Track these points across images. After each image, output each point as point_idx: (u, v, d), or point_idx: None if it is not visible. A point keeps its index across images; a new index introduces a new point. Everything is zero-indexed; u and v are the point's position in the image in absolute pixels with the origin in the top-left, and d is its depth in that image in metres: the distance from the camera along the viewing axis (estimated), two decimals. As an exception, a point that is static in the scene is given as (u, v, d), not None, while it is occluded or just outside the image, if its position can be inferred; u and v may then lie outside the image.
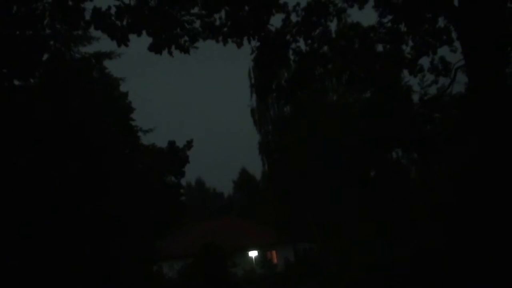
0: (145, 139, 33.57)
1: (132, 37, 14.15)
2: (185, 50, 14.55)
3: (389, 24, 16.55)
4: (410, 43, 16.55)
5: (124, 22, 13.90)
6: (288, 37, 16.17)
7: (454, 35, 16.24)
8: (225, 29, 15.10)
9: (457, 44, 16.32)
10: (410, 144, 26.67)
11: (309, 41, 16.32)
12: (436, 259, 21.53)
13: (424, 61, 17.01)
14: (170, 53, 14.50)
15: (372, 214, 36.02)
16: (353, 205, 37.98)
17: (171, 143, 34.00)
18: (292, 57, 16.63)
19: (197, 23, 14.84)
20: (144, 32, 14.05)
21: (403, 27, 16.41)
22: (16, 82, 19.74)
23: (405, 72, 17.80)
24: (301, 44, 16.46)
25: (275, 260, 52.18)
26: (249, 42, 15.34)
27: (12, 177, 19.45)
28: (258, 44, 15.67)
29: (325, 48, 16.65)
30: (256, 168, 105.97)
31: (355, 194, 37.58)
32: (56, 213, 20.99)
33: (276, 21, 15.70)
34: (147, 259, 31.37)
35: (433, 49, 16.58)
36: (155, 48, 14.40)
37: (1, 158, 19.20)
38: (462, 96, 20.96)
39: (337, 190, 38.29)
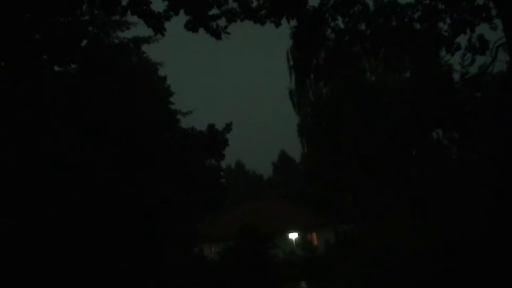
0: (185, 122, 33.98)
1: (169, 21, 14.24)
2: (217, 35, 14.58)
3: (427, 1, 16.31)
4: (448, 20, 16.29)
5: (161, 9, 14.02)
6: (326, 15, 16.09)
7: (493, 12, 15.92)
8: (263, 11, 15.07)
9: (497, 21, 16.01)
10: (451, 123, 26.25)
11: (347, 19, 16.22)
12: (481, 243, 21.25)
13: (462, 40, 16.75)
14: (207, 30, 14.52)
15: (413, 196, 35.72)
16: (393, 186, 37.73)
17: (211, 126, 34.29)
18: (330, 36, 16.56)
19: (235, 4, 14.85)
20: (182, 11, 14.10)
21: (441, 5, 16.16)
22: (57, 68, 20.08)
23: (444, 51, 17.54)
24: (339, 22, 16.41)
25: (315, 242, 52.29)
26: (288, 22, 15.31)
27: (54, 162, 19.84)
28: (296, 24, 15.63)
29: (363, 25, 16.53)
30: (295, 150, 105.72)
31: (395, 175, 37.28)
32: (99, 198, 21.36)
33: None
34: (188, 241, 31.80)
35: (471, 27, 16.27)
36: (192, 26, 14.45)
37: (43, 144, 19.59)
38: (504, 75, 20.58)
39: (377, 173, 38.04)
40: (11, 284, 18.21)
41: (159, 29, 14.15)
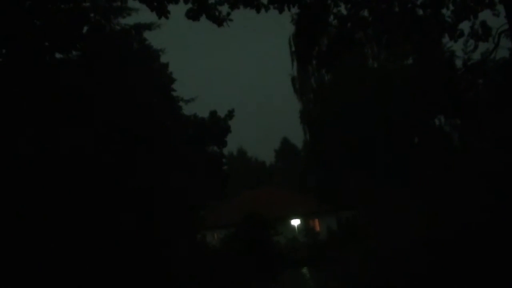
0: (187, 109, 33.93)
1: (171, 7, 14.13)
2: (218, 22, 14.45)
3: (430, -13, 16.23)
4: (451, 7, 16.22)
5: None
6: (328, 1, 16.02)
7: (496, -2, 15.89)
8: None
9: (500, 7, 15.95)
10: (453, 110, 26.24)
11: (349, 5, 16.15)
12: (482, 229, 21.22)
13: (465, 26, 16.70)
14: (209, 17, 14.40)
15: (415, 182, 35.73)
16: (396, 173, 37.75)
17: (213, 113, 34.25)
18: (333, 22, 16.49)
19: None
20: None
21: (444, -10, 16.10)
22: (58, 55, 19.99)
23: (447, 37, 17.50)
24: (342, 9, 16.34)
25: (317, 229, 52.42)
26: (289, 9, 15.23)
27: (54, 153, 19.75)
28: (298, 10, 15.56)
29: (365, 12, 16.47)
30: (297, 137, 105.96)
31: (398, 161, 37.29)
32: (99, 188, 21.29)
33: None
34: (190, 228, 31.82)
35: (474, 13, 16.22)
36: (193, 15, 14.33)
37: (45, 133, 19.51)
38: (506, 61, 20.52)
39: (379, 158, 38.08)
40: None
41: (163, 12, 13.94)
